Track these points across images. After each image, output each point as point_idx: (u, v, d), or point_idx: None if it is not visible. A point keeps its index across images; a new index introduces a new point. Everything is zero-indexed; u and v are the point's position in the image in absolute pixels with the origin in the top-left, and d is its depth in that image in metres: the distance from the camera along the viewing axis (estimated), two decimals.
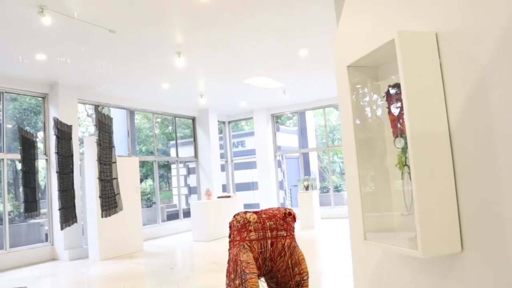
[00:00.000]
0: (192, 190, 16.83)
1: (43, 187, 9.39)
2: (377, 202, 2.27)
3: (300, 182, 11.68)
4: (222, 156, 14.84)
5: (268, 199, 13.47)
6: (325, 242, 8.89)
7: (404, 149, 1.95)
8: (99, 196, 6.15)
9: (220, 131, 14.98)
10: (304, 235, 9.85)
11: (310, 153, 15.43)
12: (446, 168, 1.77)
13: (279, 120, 16.96)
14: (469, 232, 1.72)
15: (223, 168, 14.82)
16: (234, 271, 4.26)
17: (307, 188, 11.44)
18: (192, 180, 16.72)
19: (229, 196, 11.36)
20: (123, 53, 7.46)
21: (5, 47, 6.74)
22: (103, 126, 6.45)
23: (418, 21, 1.95)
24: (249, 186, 16.40)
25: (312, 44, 7.62)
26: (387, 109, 2.06)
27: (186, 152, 14.47)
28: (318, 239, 9.26)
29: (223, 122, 15.10)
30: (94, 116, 11.62)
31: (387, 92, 2.05)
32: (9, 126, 10.49)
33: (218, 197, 11.48)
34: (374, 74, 2.27)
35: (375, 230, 2.18)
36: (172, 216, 13.30)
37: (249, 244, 4.18)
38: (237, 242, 4.33)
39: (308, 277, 4.17)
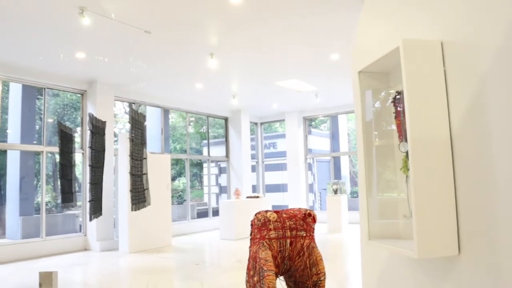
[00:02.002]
0: (222, 190, 17.06)
1: (80, 180, 9.78)
2: (385, 204, 2.32)
3: (329, 186, 11.66)
4: (253, 157, 14.98)
5: (297, 201, 13.50)
6: (350, 246, 8.86)
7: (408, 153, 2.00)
8: (130, 190, 6.39)
9: (252, 132, 15.12)
10: (330, 238, 9.85)
11: (341, 157, 15.37)
12: (446, 173, 1.82)
13: (312, 123, 16.95)
14: (467, 236, 1.76)
15: (253, 168, 14.95)
16: (253, 268, 4.37)
17: (336, 192, 11.42)
18: (223, 180, 16.95)
19: (257, 197, 11.48)
20: (157, 53, 7.70)
21: (47, 46, 7.10)
22: (136, 123, 6.69)
23: (426, 30, 2.00)
24: (279, 188, 16.47)
25: (343, 48, 7.64)
26: (394, 114, 2.12)
27: (218, 151, 14.70)
28: (343, 243, 9.24)
29: (255, 123, 15.24)
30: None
31: (394, 98, 2.11)
32: (50, 120, 10.97)
33: (247, 197, 11.62)
34: (386, 80, 2.33)
35: (381, 232, 2.24)
36: (202, 214, 13.54)
37: (268, 242, 4.27)
38: (257, 240, 4.43)
39: (325, 278, 4.22)
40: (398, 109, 2.08)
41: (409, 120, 1.83)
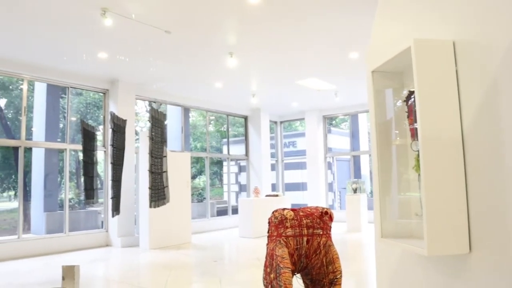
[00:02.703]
0: (242, 188, 17.13)
1: (102, 178, 9.99)
2: (402, 203, 2.33)
3: (349, 185, 11.61)
4: (273, 155, 15.01)
5: (316, 200, 13.49)
6: (369, 246, 8.82)
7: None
8: (149, 188, 6.49)
9: (272, 131, 15.15)
10: (349, 238, 9.82)
11: (361, 156, 15.26)
12: (457, 171, 1.83)
13: (333, 122, 16.87)
14: (478, 234, 1.77)
15: (273, 167, 14.98)
16: (270, 265, 4.41)
17: (355, 191, 11.37)
18: (242, 178, 17.03)
19: (276, 195, 11.51)
20: (177, 53, 7.80)
21: (70, 46, 7.27)
22: (156, 121, 6.79)
23: (438, 29, 2.01)
24: (299, 187, 16.46)
25: (362, 47, 7.61)
26: (406, 113, 2.14)
27: (238, 150, 14.78)
28: (362, 242, 9.20)
29: (275, 122, 15.27)
30: None
31: (407, 97, 2.12)
32: (73, 119, 11.22)
33: (266, 196, 11.66)
34: (400, 79, 2.34)
35: (395, 231, 2.26)
36: (222, 212, 13.64)
37: (285, 240, 4.31)
38: (274, 238, 4.47)
39: (341, 276, 4.23)
40: (410, 108, 2.09)
41: (420, 119, 1.84)
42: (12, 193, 15.09)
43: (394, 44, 2.30)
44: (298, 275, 4.84)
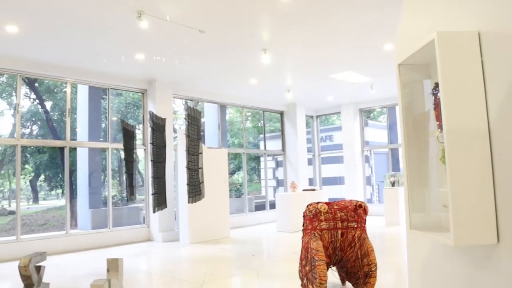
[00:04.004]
0: (280, 183, 17.23)
1: (143, 175, 10.32)
2: (429, 194, 2.36)
3: (386, 178, 11.48)
4: (309, 150, 15.01)
5: (354, 194, 13.39)
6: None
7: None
8: (187, 184, 6.69)
9: (308, 125, 15.13)
10: (387, 231, 9.74)
11: (399, 148, 15.00)
12: (484, 162, 1.84)
13: (371, 115, 16.67)
14: (506, 224, 1.77)
15: (310, 162, 14.98)
16: (305, 258, 4.48)
17: (393, 184, 11.23)
18: (280, 173, 17.12)
19: (313, 190, 11.53)
20: (212, 51, 7.95)
21: (109, 49, 7.56)
22: (193, 119, 6.97)
23: (463, 20, 2.02)
24: (336, 181, 16.39)
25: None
26: (433, 105, 2.16)
27: (275, 145, 14.86)
28: (400, 236, 9.09)
29: (311, 117, 15.24)
30: None
31: (434, 89, 2.14)
32: (114, 118, 11.63)
33: (303, 190, 11.70)
34: (427, 72, 2.36)
35: (425, 223, 2.28)
36: (260, 207, 13.77)
37: (319, 233, 4.37)
38: (308, 231, 4.54)
39: (376, 268, 4.26)
40: (437, 99, 2.12)
41: (445, 111, 1.86)
42: (59, 191, 15.80)
43: (420, 37, 2.33)
44: (334, 268, 4.89)
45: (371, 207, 13.29)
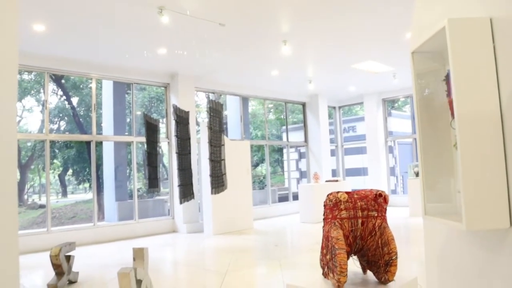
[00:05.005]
0: (303, 174, 17.24)
1: (168, 168, 10.50)
2: (444, 181, 2.37)
3: (410, 168, 11.36)
4: (332, 141, 14.96)
5: (378, 185, 13.30)
6: None
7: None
8: (210, 175, 6.80)
9: (331, 116, 15.08)
10: (411, 222, 9.67)
11: None
12: (496, 145, 1.85)
13: (395, 105, 16.49)
14: None
15: (333, 153, 14.94)
16: (326, 247, 4.52)
17: (417, 174, 11.11)
18: (303, 165, 17.13)
19: (336, 180, 11.52)
20: (232, 44, 8.02)
21: (131, 44, 7.71)
22: (214, 112, 7.06)
23: (476, 7, 2.02)
24: (360, 172, 16.30)
25: None
26: (446, 92, 2.17)
27: (297, 137, 14.87)
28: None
29: (334, 107, 15.17)
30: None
31: (447, 76, 2.16)
32: (138, 113, 11.85)
33: (326, 181, 11.71)
34: (441, 60, 2.36)
35: (439, 208, 2.31)
36: (283, 199, 13.83)
37: (340, 222, 4.39)
38: (329, 220, 4.56)
39: (396, 257, 4.25)
40: (450, 86, 2.13)
41: (456, 97, 1.88)
42: (87, 185, 16.21)
43: (433, 25, 2.34)
44: (355, 257, 4.92)
45: (395, 198, 13.26)
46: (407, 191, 11.45)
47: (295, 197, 12.97)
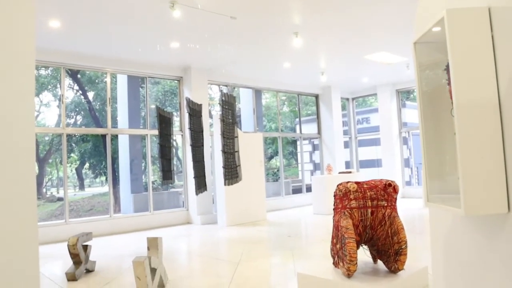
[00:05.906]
0: (316, 166, 17.26)
1: (182, 160, 10.64)
2: (447, 169, 2.42)
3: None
4: (346, 132, 14.94)
5: (392, 176, 13.24)
6: None
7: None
8: (223, 167, 6.89)
9: (344, 108, 15.04)
10: (425, 213, 9.65)
11: None
12: (494, 132, 1.89)
13: (410, 96, 16.36)
14: None
15: (346, 144, 14.92)
16: (336, 236, 4.60)
17: None
18: (316, 157, 17.13)
19: (350, 172, 11.54)
20: (244, 37, 8.08)
21: (144, 38, 7.82)
22: (227, 104, 7.14)
23: None
24: (374, 163, 16.25)
25: None
26: (446, 81, 2.22)
27: (311, 129, 14.87)
28: None
29: (347, 99, 15.13)
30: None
31: (447, 65, 2.20)
32: (152, 106, 11.99)
33: (339, 173, 11.73)
34: (442, 49, 2.40)
35: (442, 195, 2.36)
36: (297, 191, 13.88)
37: (349, 211, 4.46)
38: (339, 210, 4.64)
39: (406, 246, 4.32)
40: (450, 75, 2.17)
41: (455, 85, 1.92)
42: (103, 178, 16.48)
43: (434, 15, 2.38)
44: (365, 246, 4.97)
45: (409, 189, 13.24)
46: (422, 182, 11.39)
47: (309, 189, 13.01)
